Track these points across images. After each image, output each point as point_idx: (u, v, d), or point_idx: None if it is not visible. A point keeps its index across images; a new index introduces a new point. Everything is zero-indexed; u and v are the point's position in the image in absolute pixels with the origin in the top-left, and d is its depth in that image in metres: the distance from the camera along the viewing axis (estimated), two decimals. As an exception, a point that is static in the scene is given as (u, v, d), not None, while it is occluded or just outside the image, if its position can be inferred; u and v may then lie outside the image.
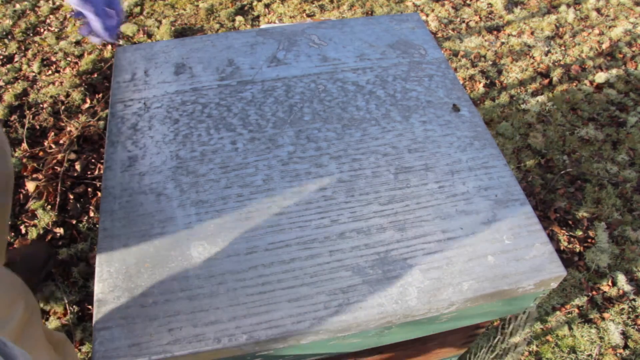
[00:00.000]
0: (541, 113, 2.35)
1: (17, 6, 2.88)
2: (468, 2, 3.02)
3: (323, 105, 1.01)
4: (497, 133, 2.26)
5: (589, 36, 2.78)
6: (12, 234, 1.85)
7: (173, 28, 2.73)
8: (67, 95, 2.36)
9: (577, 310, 1.71)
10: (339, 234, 0.81)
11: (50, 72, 2.49)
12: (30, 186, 1.97)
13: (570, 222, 1.95)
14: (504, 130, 2.26)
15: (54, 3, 2.93)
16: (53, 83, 2.42)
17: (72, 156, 2.08)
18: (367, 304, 0.73)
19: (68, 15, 2.82)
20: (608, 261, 1.83)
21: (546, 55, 2.65)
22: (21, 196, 1.95)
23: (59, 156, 2.08)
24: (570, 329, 1.67)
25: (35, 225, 1.87)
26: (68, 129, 2.19)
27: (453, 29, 2.81)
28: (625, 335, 1.66)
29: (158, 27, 2.74)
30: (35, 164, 2.06)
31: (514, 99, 2.42)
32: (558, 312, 1.71)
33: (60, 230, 1.85)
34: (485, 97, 2.42)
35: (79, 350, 1.58)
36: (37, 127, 2.22)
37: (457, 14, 2.92)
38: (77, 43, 2.65)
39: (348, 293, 0.74)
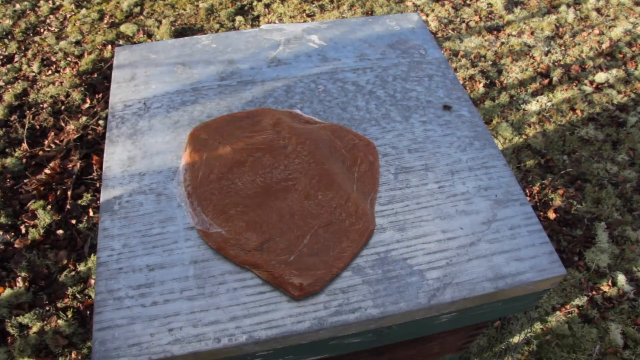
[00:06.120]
0: (541, 113, 2.35)
1: (17, 6, 2.88)
2: (468, 2, 3.01)
3: (323, 105, 1.01)
4: (497, 133, 2.26)
5: (589, 36, 2.78)
6: (12, 233, 1.85)
7: (173, 28, 2.73)
8: (67, 95, 2.36)
9: (577, 310, 1.71)
10: (339, 234, 0.81)
11: (50, 72, 2.49)
12: (31, 186, 1.96)
13: (570, 222, 1.95)
14: (504, 130, 2.26)
15: (54, 3, 2.93)
16: (53, 83, 2.42)
17: (72, 156, 2.08)
18: (367, 304, 0.73)
19: (68, 15, 2.82)
20: (608, 261, 1.83)
21: (546, 55, 2.65)
22: (21, 196, 1.95)
23: (59, 156, 2.08)
24: (570, 329, 1.67)
25: (35, 226, 1.87)
26: (68, 128, 2.19)
27: (453, 29, 2.81)
28: (625, 335, 1.66)
29: (158, 27, 2.74)
30: (35, 164, 2.06)
31: (514, 99, 2.42)
32: (558, 312, 1.71)
33: (60, 231, 1.85)
34: (485, 97, 2.42)
35: (80, 351, 1.58)
36: (37, 127, 2.22)
37: (457, 14, 2.91)
38: (77, 43, 2.66)
39: (348, 293, 0.74)
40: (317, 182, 0.83)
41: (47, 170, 2.02)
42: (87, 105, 2.31)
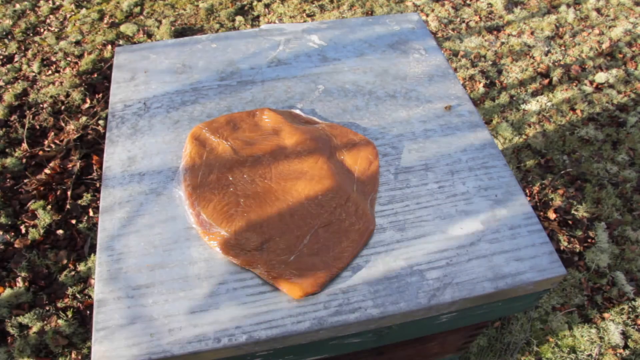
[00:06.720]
0: (541, 113, 2.35)
1: (17, 6, 2.88)
2: (468, 2, 3.02)
3: (323, 105, 1.01)
4: (497, 133, 2.26)
5: (589, 36, 2.78)
6: (12, 233, 1.85)
7: (173, 28, 2.73)
8: (67, 95, 2.36)
9: (577, 310, 1.71)
10: (339, 234, 0.81)
11: (50, 72, 2.49)
12: (31, 186, 1.96)
13: (570, 222, 1.95)
14: (504, 130, 2.26)
15: (54, 3, 2.93)
16: (53, 83, 2.42)
17: (72, 156, 2.08)
18: (368, 304, 0.73)
19: (68, 15, 2.82)
20: (608, 261, 1.83)
21: (546, 55, 2.65)
22: (21, 196, 1.95)
23: (59, 156, 2.08)
24: (570, 329, 1.67)
25: (35, 226, 1.87)
26: (68, 128, 2.19)
27: (453, 29, 2.81)
28: (625, 335, 1.66)
29: (158, 27, 2.74)
30: (35, 164, 2.06)
31: (514, 99, 2.42)
32: (558, 312, 1.71)
33: (60, 231, 1.85)
34: (485, 97, 2.42)
35: (80, 352, 1.58)
36: (37, 127, 2.22)
37: (457, 14, 2.92)
38: (77, 43, 2.65)
39: (348, 293, 0.74)
40: (317, 182, 0.83)
41: (47, 170, 2.02)
42: (87, 105, 2.31)
